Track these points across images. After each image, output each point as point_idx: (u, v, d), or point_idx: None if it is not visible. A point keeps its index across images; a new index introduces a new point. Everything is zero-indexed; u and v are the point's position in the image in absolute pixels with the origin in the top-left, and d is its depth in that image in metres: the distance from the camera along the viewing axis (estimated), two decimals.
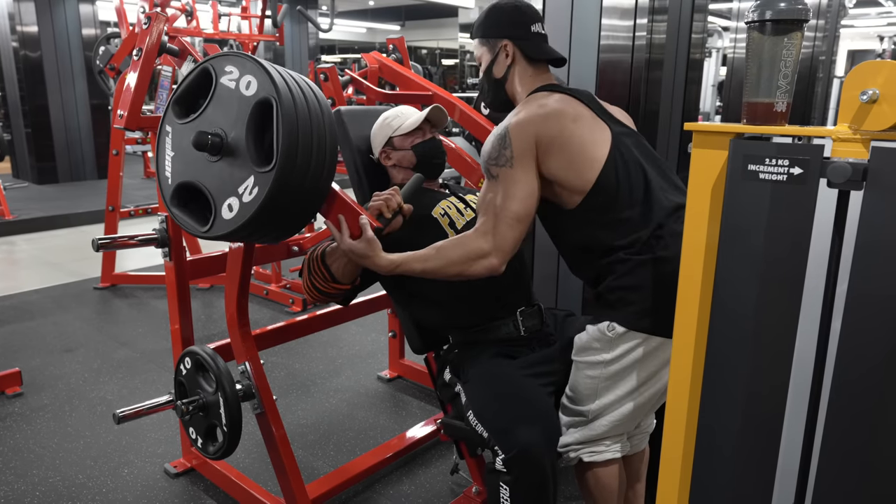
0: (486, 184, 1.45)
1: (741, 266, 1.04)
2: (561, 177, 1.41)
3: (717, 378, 1.10)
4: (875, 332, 0.94)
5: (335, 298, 1.67)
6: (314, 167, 1.34)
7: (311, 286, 1.64)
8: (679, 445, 1.17)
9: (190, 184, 1.37)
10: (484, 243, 1.39)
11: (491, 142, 1.44)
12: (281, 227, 1.41)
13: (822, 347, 1.03)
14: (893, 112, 0.92)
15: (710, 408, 1.12)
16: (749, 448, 1.09)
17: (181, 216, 1.39)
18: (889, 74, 0.92)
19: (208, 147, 1.31)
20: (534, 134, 1.40)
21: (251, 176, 1.29)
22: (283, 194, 1.29)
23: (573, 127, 1.43)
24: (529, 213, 1.41)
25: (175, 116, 1.41)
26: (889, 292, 0.92)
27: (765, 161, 0.99)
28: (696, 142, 1.08)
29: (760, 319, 1.04)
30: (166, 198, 1.41)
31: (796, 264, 1.00)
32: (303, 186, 1.33)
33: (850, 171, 0.92)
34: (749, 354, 1.06)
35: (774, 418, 1.06)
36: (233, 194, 1.31)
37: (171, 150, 1.41)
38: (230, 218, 1.31)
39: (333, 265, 1.57)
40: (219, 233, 1.33)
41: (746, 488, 1.11)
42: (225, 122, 1.34)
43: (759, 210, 1.01)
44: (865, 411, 0.97)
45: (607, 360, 1.42)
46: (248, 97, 1.31)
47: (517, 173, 1.39)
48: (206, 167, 1.35)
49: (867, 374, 0.96)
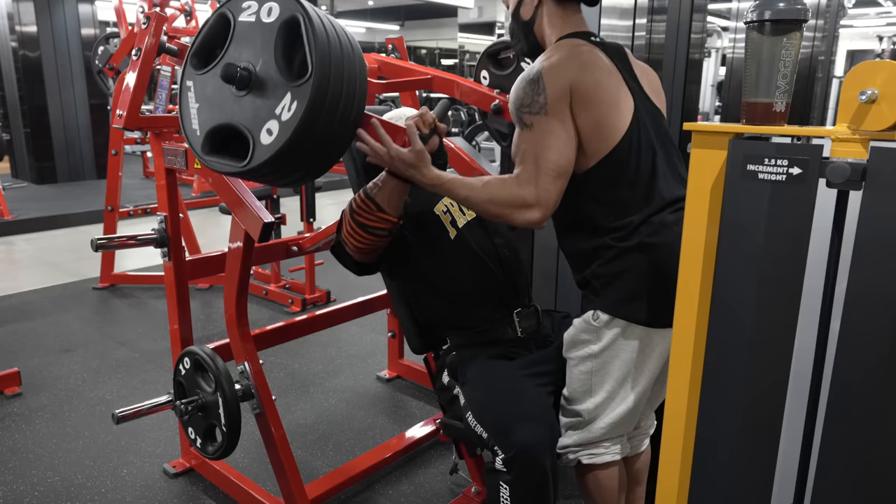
0: (518, 133, 1.35)
1: (740, 266, 1.04)
2: (585, 135, 1.33)
3: (717, 378, 1.10)
4: (874, 331, 0.94)
5: (380, 236, 1.51)
6: (348, 76, 1.30)
7: (354, 227, 1.50)
8: (678, 447, 1.17)
9: (221, 126, 1.35)
10: (528, 193, 1.31)
11: (521, 87, 1.34)
12: (318, 152, 1.36)
13: (821, 347, 1.03)
14: (892, 112, 0.92)
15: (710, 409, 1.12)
16: (748, 450, 1.09)
17: (216, 160, 1.35)
18: (888, 74, 0.92)
19: (237, 79, 1.29)
20: (569, 80, 1.31)
21: (287, 93, 1.27)
22: (324, 104, 1.27)
23: (608, 83, 1.35)
24: (570, 163, 1.32)
25: (194, 69, 1.40)
26: (888, 291, 0.92)
27: (764, 161, 0.99)
28: (695, 142, 1.08)
29: (760, 320, 1.04)
30: (197, 149, 1.37)
31: (795, 264, 1.00)
32: (340, 97, 1.29)
33: (849, 171, 0.92)
34: (749, 355, 1.06)
35: (773, 420, 1.06)
36: (270, 118, 1.28)
37: (194, 103, 1.39)
38: (271, 141, 1.28)
39: (378, 196, 1.47)
40: (260, 160, 1.28)
41: (745, 490, 1.11)
42: (250, 56, 1.32)
43: (759, 210, 1.01)
44: (865, 410, 0.97)
45: (596, 352, 1.41)
46: (272, 22, 1.30)
47: (553, 122, 1.30)
48: (236, 104, 1.33)
49: (866, 374, 0.96)
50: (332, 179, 7.89)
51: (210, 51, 1.38)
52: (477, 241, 1.66)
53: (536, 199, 1.31)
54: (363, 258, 1.58)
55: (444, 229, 1.67)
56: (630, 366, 1.41)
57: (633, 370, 1.41)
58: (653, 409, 1.61)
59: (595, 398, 1.44)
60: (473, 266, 1.65)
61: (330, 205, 7.05)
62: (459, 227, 1.68)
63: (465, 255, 1.65)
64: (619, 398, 1.43)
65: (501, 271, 1.67)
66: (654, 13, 2.03)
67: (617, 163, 1.35)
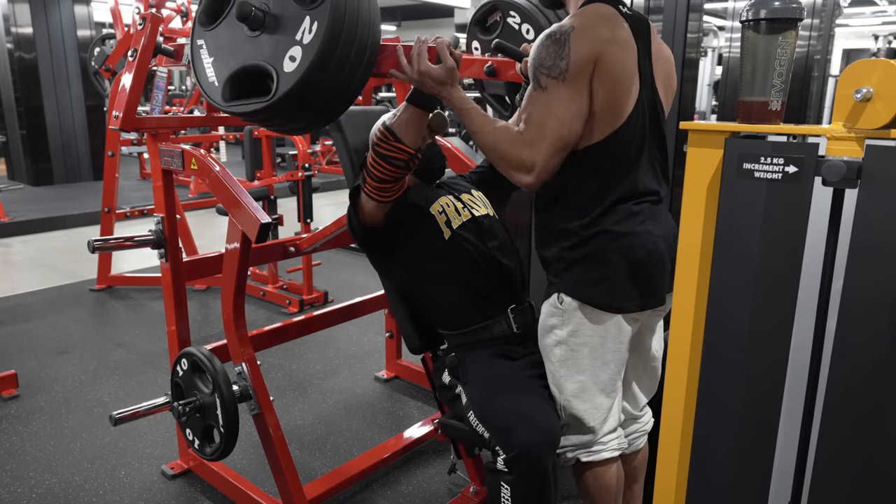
0: (530, 91, 1.33)
1: (736, 264, 1.04)
2: (597, 111, 1.31)
3: (714, 376, 1.10)
4: (870, 329, 0.95)
5: (399, 168, 1.49)
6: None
7: (377, 160, 1.49)
8: (676, 445, 1.17)
9: (240, 70, 1.36)
10: (529, 156, 1.30)
11: (545, 44, 1.29)
12: (343, 77, 1.36)
13: (817, 345, 1.03)
14: (887, 110, 0.92)
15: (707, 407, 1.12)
16: (745, 447, 1.09)
17: (238, 104, 1.36)
18: (883, 73, 0.92)
19: (251, 18, 1.31)
20: (597, 51, 1.27)
21: (306, 17, 1.28)
22: (343, 21, 1.28)
23: (630, 64, 1.32)
24: (575, 137, 1.31)
25: (203, 27, 1.42)
26: (884, 290, 0.93)
27: (760, 159, 0.99)
28: (691, 141, 1.08)
29: (756, 318, 1.04)
30: (217, 99, 1.38)
31: (791, 262, 1.00)
32: (358, 17, 1.31)
33: (845, 169, 0.92)
34: (745, 353, 1.06)
35: (770, 419, 1.07)
36: (291, 45, 1.29)
37: (209, 58, 1.41)
38: (295, 67, 1.29)
39: (396, 127, 1.46)
40: (287, 87, 1.29)
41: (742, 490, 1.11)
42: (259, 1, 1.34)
43: (755, 208, 1.01)
44: (862, 410, 0.97)
45: (564, 337, 1.43)
46: None
47: (568, 92, 1.27)
48: (252, 45, 1.35)
49: (863, 372, 0.96)
50: (330, 180, 7.90)
51: (217, 6, 1.41)
52: (472, 242, 1.66)
53: (533, 163, 1.31)
54: (381, 197, 1.57)
55: (439, 229, 1.67)
56: (597, 351, 1.42)
57: (601, 355, 1.42)
58: (640, 401, 1.61)
59: (571, 386, 1.45)
60: (468, 266, 1.65)
61: (327, 205, 7.04)
62: (454, 227, 1.68)
63: (460, 255, 1.65)
64: (596, 387, 1.44)
65: (496, 271, 1.67)
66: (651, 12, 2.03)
67: (613, 145, 1.35)
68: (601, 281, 1.38)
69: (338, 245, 2.48)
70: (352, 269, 4.79)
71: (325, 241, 2.34)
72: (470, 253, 1.65)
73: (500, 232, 1.74)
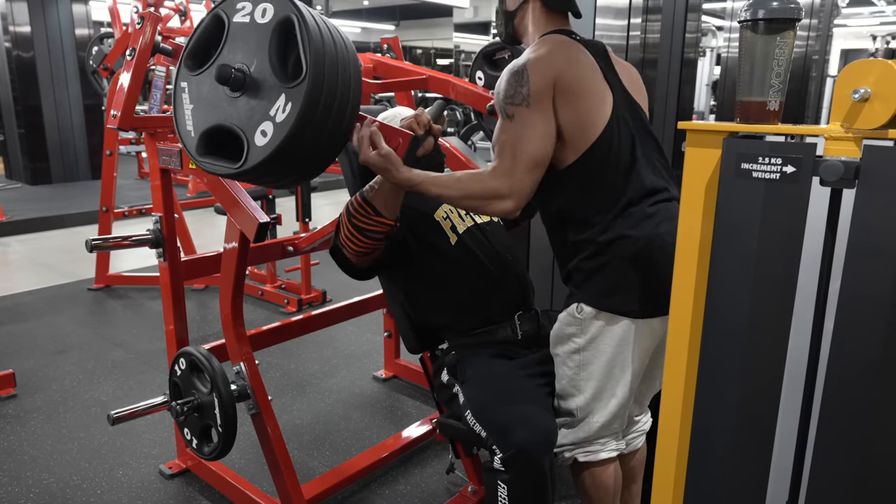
0: (500, 124, 1.38)
1: (735, 264, 1.05)
2: (567, 129, 1.36)
3: (712, 375, 1.11)
4: (868, 330, 0.95)
5: (377, 240, 1.52)
6: (342, 79, 1.31)
7: (352, 230, 1.51)
8: (674, 444, 1.17)
9: (215, 127, 1.35)
10: (502, 184, 1.34)
11: (506, 78, 1.37)
12: (313, 153, 1.36)
13: (815, 346, 1.03)
14: (885, 110, 0.92)
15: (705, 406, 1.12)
16: (743, 447, 1.09)
17: (209, 162, 1.35)
18: (881, 73, 0.92)
19: (231, 80, 1.29)
20: (554, 74, 1.34)
21: (282, 94, 1.27)
22: (317, 107, 1.27)
23: (591, 79, 1.39)
24: (546, 156, 1.35)
25: (189, 71, 1.39)
26: (881, 290, 0.93)
27: (758, 159, 0.99)
28: (689, 140, 1.08)
29: (754, 318, 1.04)
30: (192, 150, 1.37)
31: (789, 262, 1.00)
32: (334, 99, 1.30)
33: (843, 169, 0.92)
34: (743, 352, 1.06)
35: (768, 417, 1.07)
36: (264, 119, 1.28)
37: (189, 104, 1.39)
38: (265, 143, 1.28)
39: (375, 200, 1.49)
40: (254, 162, 1.29)
41: (740, 487, 1.11)
42: (245, 57, 1.32)
43: (753, 208, 1.01)
44: (859, 409, 0.97)
45: (582, 345, 1.42)
46: (267, 23, 1.30)
47: (534, 114, 1.33)
48: (230, 105, 1.33)
49: (860, 371, 0.96)
50: (328, 180, 7.89)
51: (205, 52, 1.38)
52: (478, 247, 1.67)
53: (510, 189, 1.34)
54: (361, 262, 1.58)
55: (445, 235, 1.67)
56: (616, 358, 1.41)
57: (619, 362, 1.42)
58: (644, 403, 1.61)
59: (585, 394, 1.45)
60: (475, 271, 1.65)
61: (326, 205, 7.04)
62: (460, 232, 1.68)
63: (466, 261, 1.65)
64: (609, 393, 1.44)
65: (503, 276, 1.67)
66: (649, 13, 2.03)
67: (597, 156, 1.37)
68: (620, 289, 1.37)
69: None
70: None
71: (323, 240, 2.34)
72: (478, 257, 1.65)
73: (503, 237, 1.74)
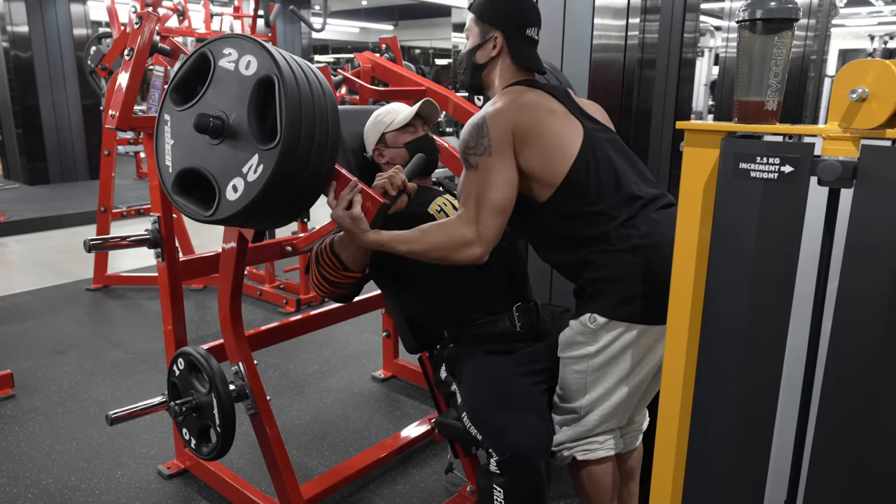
0: (464, 174, 1.45)
1: (733, 264, 1.05)
2: (535, 169, 1.42)
3: (710, 375, 1.11)
4: (865, 329, 0.95)
5: (345, 289, 1.64)
6: (318, 143, 1.33)
7: (321, 279, 1.61)
8: (672, 443, 1.17)
9: (192, 169, 1.36)
10: (468, 231, 1.39)
11: (468, 131, 1.44)
12: (286, 208, 1.40)
13: (812, 346, 1.03)
14: (883, 110, 0.92)
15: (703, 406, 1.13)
16: (741, 446, 1.10)
17: (183, 203, 1.37)
18: (878, 73, 0.92)
19: (209, 129, 1.30)
20: (511, 123, 1.41)
21: (255, 154, 1.28)
22: (288, 172, 1.29)
23: (548, 120, 1.45)
24: (510, 201, 1.42)
25: (173, 104, 1.40)
26: (879, 290, 0.93)
27: (756, 159, 1.00)
28: (687, 140, 1.09)
29: (752, 317, 1.04)
30: (167, 186, 1.39)
31: (787, 262, 1.01)
32: (307, 163, 1.32)
33: (841, 169, 0.93)
34: (741, 352, 1.06)
35: (766, 417, 1.07)
36: (237, 175, 1.30)
37: (170, 139, 1.40)
38: (235, 199, 1.30)
39: (343, 253, 1.56)
40: (224, 215, 1.31)
41: (739, 487, 1.11)
42: (225, 105, 1.33)
43: (751, 208, 1.01)
44: (857, 409, 0.97)
45: (592, 353, 1.43)
46: (249, 77, 1.31)
47: (496, 162, 1.40)
48: (208, 151, 1.34)
49: (858, 372, 0.96)
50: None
51: (190, 87, 1.39)
52: None
53: (477, 236, 1.39)
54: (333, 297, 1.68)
55: None
56: (626, 365, 1.42)
57: (628, 368, 1.42)
58: (646, 404, 1.61)
59: (590, 395, 1.45)
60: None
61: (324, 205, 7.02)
62: None
63: None
64: (615, 392, 1.44)
65: (500, 266, 1.67)
66: (648, 13, 2.04)
67: (576, 183, 1.42)
68: (634, 297, 1.38)
69: None
70: None
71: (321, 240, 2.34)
72: None
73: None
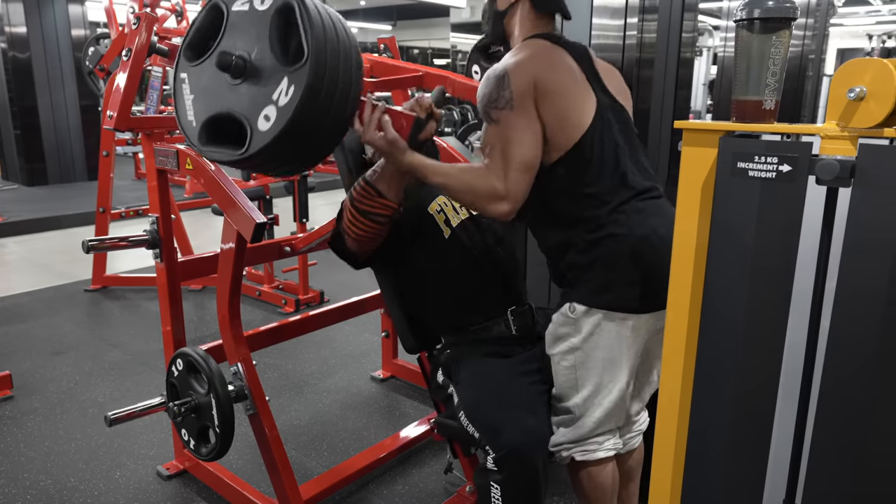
0: (486, 128, 1.40)
1: (731, 263, 1.05)
2: (548, 127, 1.38)
3: (709, 375, 1.11)
4: (864, 327, 0.95)
5: (380, 223, 1.52)
6: (343, 60, 1.31)
7: (354, 215, 1.51)
8: (671, 444, 1.17)
9: (217, 115, 1.34)
10: (499, 185, 1.34)
11: (488, 83, 1.38)
12: (319, 135, 1.36)
13: (811, 344, 1.03)
14: (880, 109, 0.92)
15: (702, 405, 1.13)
16: (740, 446, 1.10)
17: (211, 150, 1.35)
18: (876, 72, 0.92)
19: (232, 67, 1.29)
20: (533, 76, 1.36)
21: (284, 78, 1.27)
22: (320, 88, 1.27)
23: (569, 80, 1.40)
24: (536, 157, 1.37)
25: (188, 61, 1.39)
26: (877, 288, 0.93)
27: (754, 158, 1.00)
28: (686, 140, 1.09)
29: (750, 317, 1.04)
30: (193, 140, 1.37)
31: (786, 261, 1.01)
32: (337, 80, 1.30)
33: (839, 168, 0.93)
34: (740, 351, 1.06)
35: (764, 417, 1.07)
36: (267, 104, 1.28)
37: (189, 94, 1.39)
38: (268, 128, 1.28)
39: (378, 182, 1.49)
40: (258, 147, 1.28)
41: (737, 486, 1.11)
42: (245, 45, 1.32)
43: (749, 207, 1.01)
44: (856, 406, 0.98)
45: (577, 344, 1.43)
46: (266, 10, 1.30)
47: (519, 118, 1.34)
48: (231, 93, 1.33)
49: (857, 370, 0.96)
50: (325, 180, 7.87)
51: (204, 42, 1.38)
52: (471, 240, 1.67)
53: (506, 191, 1.34)
54: (363, 248, 1.58)
55: (439, 229, 1.67)
56: (612, 354, 1.42)
57: (615, 358, 1.42)
58: (642, 401, 1.61)
59: (583, 392, 1.45)
60: (468, 265, 1.65)
61: (323, 205, 7.04)
62: (453, 226, 1.68)
63: (459, 254, 1.65)
64: (606, 389, 1.44)
65: (496, 270, 1.67)
66: (646, 12, 2.03)
67: (580, 156, 1.38)
68: (612, 286, 1.38)
69: None
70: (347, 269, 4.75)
71: (320, 240, 2.34)
72: (470, 251, 1.65)
73: (499, 230, 1.74)
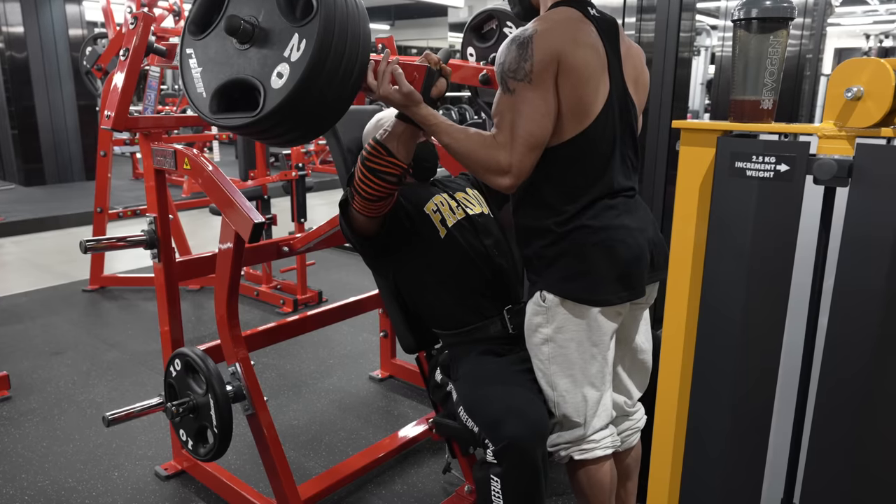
0: (500, 94, 1.36)
1: (729, 262, 1.05)
2: (563, 108, 1.34)
3: (707, 374, 1.11)
4: (861, 325, 0.95)
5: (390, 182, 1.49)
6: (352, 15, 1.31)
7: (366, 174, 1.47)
8: (669, 442, 1.18)
9: (227, 82, 1.35)
10: (504, 158, 1.32)
11: (509, 48, 1.33)
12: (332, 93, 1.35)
13: (809, 342, 1.04)
14: (878, 109, 0.93)
15: (700, 404, 1.13)
16: (738, 444, 1.10)
17: (226, 118, 1.35)
18: (873, 72, 0.92)
19: (240, 31, 1.29)
20: (559, 51, 1.30)
21: (294, 34, 1.27)
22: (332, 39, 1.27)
23: (594, 65, 1.35)
24: (546, 135, 1.33)
25: (193, 36, 1.40)
26: (875, 286, 0.93)
27: (752, 158, 1.00)
28: (684, 139, 1.09)
29: (748, 315, 1.05)
30: (205, 111, 1.37)
31: (783, 260, 1.01)
32: (347, 34, 1.30)
33: (836, 167, 0.93)
34: (738, 350, 1.07)
35: (763, 414, 1.07)
36: (279, 62, 1.28)
37: (197, 68, 1.39)
38: (282, 84, 1.28)
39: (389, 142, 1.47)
40: (273, 105, 1.28)
41: (736, 485, 1.11)
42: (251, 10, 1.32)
43: (747, 206, 1.02)
44: (854, 405, 0.98)
45: (550, 335, 1.43)
46: None
47: (534, 93, 1.31)
48: (241, 58, 1.33)
49: (854, 370, 0.97)
50: (324, 180, 7.88)
51: (208, 17, 1.39)
52: (467, 240, 1.67)
53: (510, 166, 1.33)
54: (369, 213, 1.55)
55: (435, 228, 1.67)
56: (585, 345, 1.42)
57: (588, 350, 1.43)
58: (634, 391, 1.62)
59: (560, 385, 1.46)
60: (463, 264, 1.65)
61: (321, 205, 7.03)
62: (449, 226, 1.68)
63: (455, 254, 1.65)
64: (585, 381, 1.45)
65: (491, 270, 1.67)
66: (644, 12, 2.04)
67: (580, 146, 1.37)
68: (581, 276, 1.39)
69: (332, 245, 2.48)
70: (346, 268, 4.79)
71: (318, 240, 2.34)
72: (466, 251, 1.65)
73: (494, 230, 1.74)
